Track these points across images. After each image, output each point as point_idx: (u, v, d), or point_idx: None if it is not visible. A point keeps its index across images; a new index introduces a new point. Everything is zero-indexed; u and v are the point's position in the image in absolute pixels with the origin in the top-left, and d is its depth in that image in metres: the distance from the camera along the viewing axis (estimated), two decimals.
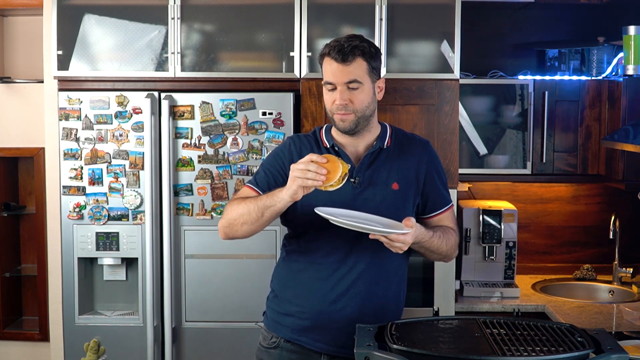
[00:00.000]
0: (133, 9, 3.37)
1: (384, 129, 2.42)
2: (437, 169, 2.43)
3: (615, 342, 1.92)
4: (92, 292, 3.45)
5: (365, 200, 2.32)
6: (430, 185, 2.40)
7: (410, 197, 2.38)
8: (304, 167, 2.12)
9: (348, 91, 2.28)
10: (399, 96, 3.33)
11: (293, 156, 2.38)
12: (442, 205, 2.44)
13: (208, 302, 3.34)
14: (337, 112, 2.29)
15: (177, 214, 3.31)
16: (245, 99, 3.28)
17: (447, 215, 2.45)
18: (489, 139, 3.73)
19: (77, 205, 3.31)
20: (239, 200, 2.34)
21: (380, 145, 2.38)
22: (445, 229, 2.40)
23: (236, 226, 2.32)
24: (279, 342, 2.41)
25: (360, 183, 2.33)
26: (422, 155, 2.41)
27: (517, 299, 3.60)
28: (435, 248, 2.34)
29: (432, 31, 3.39)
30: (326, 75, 2.31)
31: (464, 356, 1.81)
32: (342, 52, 2.26)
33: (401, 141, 2.42)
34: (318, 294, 2.34)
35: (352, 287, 2.33)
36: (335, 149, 2.37)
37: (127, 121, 3.30)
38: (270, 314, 2.47)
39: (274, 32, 3.37)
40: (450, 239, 2.39)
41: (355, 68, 2.28)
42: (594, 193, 4.06)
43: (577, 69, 3.86)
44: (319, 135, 2.44)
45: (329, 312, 2.33)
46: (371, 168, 2.36)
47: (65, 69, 3.36)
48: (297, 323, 2.37)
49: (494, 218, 3.68)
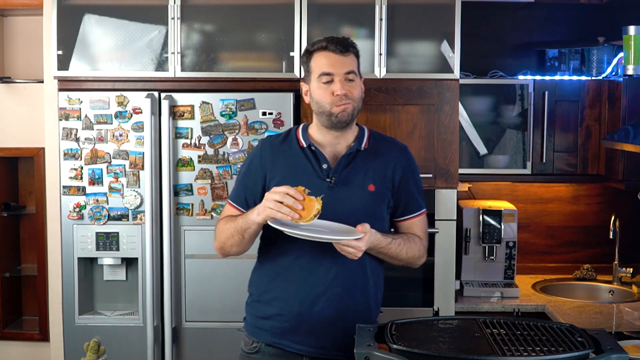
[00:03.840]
0: (133, 9, 3.37)
1: (361, 131, 2.44)
2: (413, 175, 2.45)
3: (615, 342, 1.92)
4: (92, 292, 3.45)
5: (340, 200, 2.33)
6: (404, 189, 2.42)
7: (386, 199, 2.40)
8: (279, 198, 2.15)
9: (346, 82, 2.32)
10: (399, 96, 3.33)
11: (266, 163, 2.40)
12: (414, 210, 2.45)
13: (208, 302, 3.34)
14: (338, 103, 2.31)
15: (177, 214, 3.31)
16: (245, 99, 3.28)
17: (417, 222, 2.46)
18: (489, 139, 3.73)
19: (77, 205, 3.32)
20: (224, 221, 2.40)
21: (358, 147, 2.39)
22: (409, 237, 2.41)
23: (227, 248, 2.41)
24: (260, 347, 2.41)
25: (336, 183, 2.34)
26: (399, 158, 2.43)
27: (517, 299, 3.60)
28: (394, 255, 2.36)
29: (432, 31, 3.39)
30: (322, 67, 2.32)
31: (464, 356, 1.81)
32: (342, 44, 2.33)
33: (379, 143, 2.44)
34: (297, 296, 2.34)
35: (330, 288, 2.34)
36: (312, 149, 2.38)
37: (127, 121, 3.30)
38: (250, 318, 2.46)
39: (274, 32, 3.37)
40: (413, 247, 2.40)
41: (351, 60, 2.34)
42: (594, 193, 4.06)
43: (577, 69, 3.86)
44: (294, 134, 2.44)
45: (308, 314, 2.34)
46: (348, 169, 2.37)
47: (65, 69, 3.36)
48: (277, 326, 2.37)
49: (494, 218, 3.68)
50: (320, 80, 2.33)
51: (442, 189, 3.36)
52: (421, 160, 3.35)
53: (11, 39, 4.02)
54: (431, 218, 3.37)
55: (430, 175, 3.33)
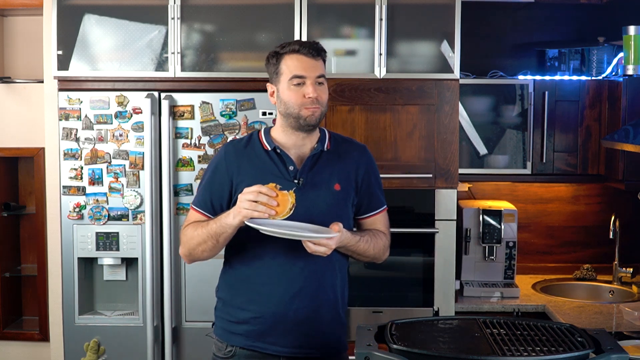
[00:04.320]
0: (133, 9, 3.36)
1: (322, 133, 2.47)
2: (374, 172, 2.50)
3: (615, 342, 1.92)
4: (92, 292, 3.45)
5: (309, 200, 2.34)
6: (367, 187, 2.46)
7: (350, 198, 2.43)
8: (253, 197, 2.17)
9: (317, 86, 2.35)
10: (399, 96, 3.33)
11: (232, 168, 2.39)
12: (377, 207, 2.50)
13: (208, 302, 3.31)
14: (308, 106, 2.33)
15: (177, 214, 3.31)
16: (245, 99, 3.28)
17: (380, 218, 2.50)
18: (489, 139, 3.73)
19: (77, 205, 3.32)
20: (192, 227, 2.38)
21: (322, 148, 2.42)
22: (375, 233, 2.45)
23: (197, 254, 2.40)
24: (235, 351, 2.40)
25: (304, 184, 2.36)
26: (360, 158, 2.47)
27: (517, 299, 3.60)
28: (362, 251, 2.40)
29: (432, 31, 3.39)
30: (295, 70, 2.34)
31: (464, 356, 1.81)
32: (315, 48, 2.37)
33: (339, 144, 2.47)
34: (272, 297, 2.35)
35: (304, 286, 2.35)
36: (277, 152, 2.38)
37: (127, 121, 3.30)
38: (221, 323, 2.45)
39: (274, 32, 3.37)
40: (379, 243, 2.45)
41: (321, 65, 2.38)
42: (594, 193, 4.06)
43: (577, 69, 3.86)
44: (257, 138, 2.44)
45: (284, 314, 2.34)
46: (313, 170, 2.39)
47: (65, 69, 3.36)
48: (252, 329, 2.37)
49: (494, 218, 3.68)
50: (292, 83, 2.34)
51: (442, 189, 3.36)
52: (421, 160, 3.35)
53: (11, 39, 4.02)
54: (431, 218, 3.38)
55: (430, 175, 3.33)
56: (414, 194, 3.39)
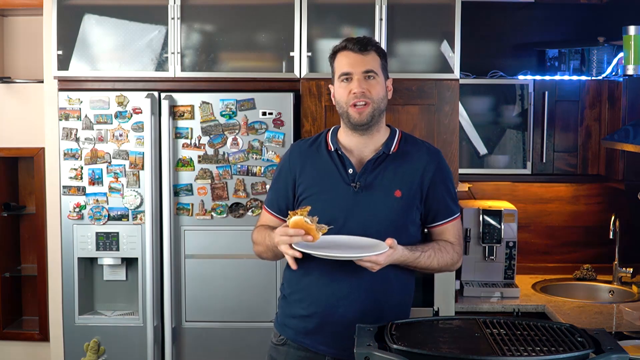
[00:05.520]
0: (133, 9, 3.36)
1: (392, 134, 2.41)
2: (444, 179, 2.40)
3: (615, 342, 1.92)
4: (92, 292, 3.45)
5: (365, 205, 2.32)
6: (434, 195, 2.38)
7: (414, 206, 2.36)
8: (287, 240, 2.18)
9: (365, 81, 2.31)
10: (399, 96, 3.33)
11: (295, 168, 2.41)
12: (446, 216, 2.41)
13: (208, 302, 3.34)
14: (354, 103, 2.30)
15: (177, 214, 3.31)
16: (245, 99, 3.28)
17: (449, 227, 2.42)
18: (489, 139, 3.73)
19: (77, 205, 3.31)
20: (259, 230, 2.45)
21: (386, 151, 2.37)
22: (441, 246, 2.38)
23: (265, 258, 2.49)
24: (286, 340, 2.44)
25: (361, 188, 2.33)
26: (429, 163, 2.38)
27: (517, 299, 3.60)
28: (424, 267, 2.35)
29: (432, 31, 3.39)
30: (342, 67, 2.33)
31: (464, 356, 1.81)
32: (360, 43, 2.33)
33: (409, 147, 2.41)
34: (319, 298, 2.35)
35: (352, 292, 2.33)
36: (339, 153, 2.37)
37: (127, 121, 3.30)
38: (280, 315, 2.50)
39: (274, 32, 3.37)
40: (445, 256, 2.37)
41: (371, 59, 2.33)
42: (594, 193, 4.06)
43: (577, 69, 3.86)
44: (324, 137, 2.44)
45: (330, 316, 2.34)
46: (374, 173, 2.35)
47: (65, 69, 3.36)
48: (301, 325, 2.39)
49: (494, 218, 3.68)
50: (340, 80, 2.34)
51: None
52: None
53: (11, 39, 4.02)
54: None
55: None
56: None
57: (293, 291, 2.44)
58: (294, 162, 2.43)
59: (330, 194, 2.34)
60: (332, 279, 2.34)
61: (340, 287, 2.33)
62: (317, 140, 2.44)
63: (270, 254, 2.41)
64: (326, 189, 2.35)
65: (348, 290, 2.33)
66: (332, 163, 2.37)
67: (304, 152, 2.43)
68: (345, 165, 2.35)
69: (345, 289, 2.33)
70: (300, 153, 2.44)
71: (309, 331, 2.38)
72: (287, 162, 2.45)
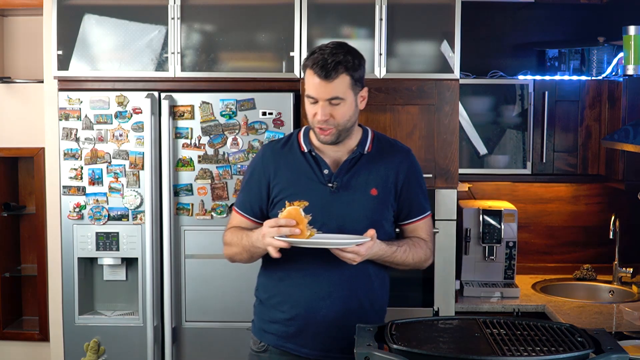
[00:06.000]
0: (133, 9, 3.36)
1: (365, 134, 2.41)
2: (416, 177, 2.44)
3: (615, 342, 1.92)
4: (92, 292, 3.45)
5: (342, 205, 2.32)
6: (407, 193, 2.41)
7: (389, 203, 2.39)
8: (275, 233, 2.17)
9: (330, 106, 2.26)
10: (399, 96, 3.33)
11: (269, 169, 2.39)
12: (418, 214, 2.44)
13: (208, 302, 3.34)
14: (318, 126, 2.29)
15: (177, 214, 3.31)
16: (245, 99, 3.28)
17: (422, 225, 2.45)
18: (489, 139, 3.73)
19: (77, 205, 3.31)
20: (232, 232, 2.42)
21: (361, 151, 2.38)
22: (414, 242, 2.41)
23: (237, 261, 2.46)
24: (267, 346, 2.42)
25: (337, 188, 2.33)
26: (402, 161, 2.41)
27: (517, 299, 3.60)
28: (400, 262, 2.36)
29: (432, 31, 3.39)
30: (308, 88, 2.28)
31: (464, 356, 1.81)
32: (325, 68, 2.22)
33: (382, 147, 2.42)
34: (301, 300, 2.35)
35: (333, 291, 2.34)
36: (313, 154, 2.37)
37: (127, 121, 3.30)
38: (257, 321, 2.48)
39: (274, 32, 3.37)
40: (419, 252, 2.40)
41: (338, 84, 2.24)
42: (594, 193, 4.06)
43: (577, 69, 3.86)
44: (296, 139, 2.43)
45: (313, 318, 2.34)
46: (350, 173, 2.36)
47: (65, 69, 3.36)
48: (282, 330, 2.38)
49: (494, 218, 3.68)
50: (307, 98, 2.30)
51: (442, 189, 3.36)
52: (421, 161, 3.34)
53: (11, 39, 4.02)
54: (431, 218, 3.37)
55: (430, 175, 3.32)
56: None
57: (271, 295, 2.42)
58: (267, 163, 2.40)
59: (307, 194, 2.31)
60: (313, 279, 2.34)
61: (321, 287, 2.33)
62: (289, 142, 2.43)
63: (246, 255, 2.37)
64: (302, 190, 2.34)
65: (329, 289, 2.33)
66: (307, 164, 2.37)
67: (277, 153, 2.41)
68: (320, 165, 2.36)
69: (326, 289, 2.33)
70: (273, 155, 2.41)
71: (290, 335, 2.37)
72: (260, 164, 2.42)
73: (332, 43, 2.31)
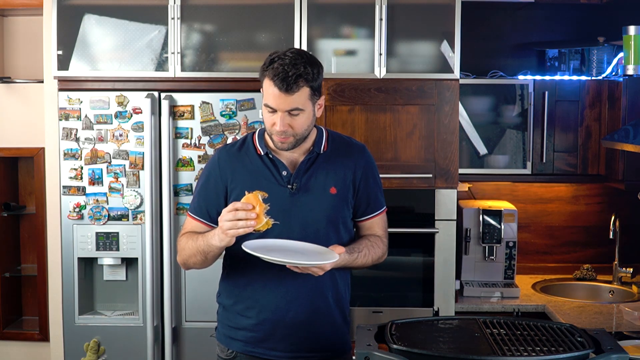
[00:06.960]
0: (133, 9, 3.37)
1: (320, 134, 2.39)
2: (373, 173, 2.44)
3: (615, 342, 1.92)
4: (92, 292, 3.45)
5: (302, 205, 2.32)
6: (365, 189, 2.41)
7: (348, 201, 2.39)
8: (232, 217, 2.12)
9: (289, 117, 2.24)
10: (399, 96, 3.33)
11: (225, 173, 2.36)
12: (375, 209, 2.45)
13: (208, 302, 3.32)
14: (277, 136, 2.27)
15: (177, 214, 3.31)
16: (245, 99, 3.28)
17: (378, 220, 2.45)
18: (489, 139, 3.73)
19: (77, 205, 3.32)
20: (186, 237, 2.36)
21: (317, 151, 2.36)
22: (372, 242, 2.41)
23: (191, 265, 2.38)
24: (236, 353, 2.40)
25: (297, 189, 2.33)
26: (358, 158, 2.40)
27: (517, 299, 3.60)
28: (360, 265, 2.38)
29: (432, 31, 3.39)
30: (267, 97, 2.24)
31: (464, 356, 1.81)
32: (286, 81, 2.19)
33: (338, 145, 2.41)
34: (268, 304, 2.34)
35: (299, 292, 2.33)
36: (270, 157, 2.35)
37: (127, 121, 3.30)
38: (222, 328, 2.45)
39: (274, 32, 3.37)
40: (377, 252, 2.41)
41: (297, 96, 2.22)
42: (594, 193, 4.06)
43: (577, 69, 3.86)
44: (251, 141, 2.40)
45: (280, 320, 2.34)
46: (308, 173, 2.35)
47: (65, 69, 3.36)
48: (250, 335, 2.37)
49: (494, 218, 3.68)
50: (265, 106, 2.27)
51: (442, 189, 3.36)
52: (421, 160, 3.35)
53: (11, 39, 4.02)
54: (431, 218, 3.38)
55: (430, 175, 3.33)
56: (414, 194, 3.39)
57: (236, 301, 2.39)
58: (224, 167, 2.37)
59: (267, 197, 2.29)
60: (279, 282, 2.32)
61: (288, 290, 2.33)
62: (245, 145, 2.40)
63: (200, 258, 2.31)
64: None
65: (297, 292, 2.33)
66: (265, 166, 2.35)
67: (233, 157, 2.38)
68: (278, 167, 2.34)
69: (293, 291, 2.33)
70: (229, 158, 2.38)
71: (259, 340, 2.36)
72: (216, 168, 2.38)
73: (291, 51, 2.25)
